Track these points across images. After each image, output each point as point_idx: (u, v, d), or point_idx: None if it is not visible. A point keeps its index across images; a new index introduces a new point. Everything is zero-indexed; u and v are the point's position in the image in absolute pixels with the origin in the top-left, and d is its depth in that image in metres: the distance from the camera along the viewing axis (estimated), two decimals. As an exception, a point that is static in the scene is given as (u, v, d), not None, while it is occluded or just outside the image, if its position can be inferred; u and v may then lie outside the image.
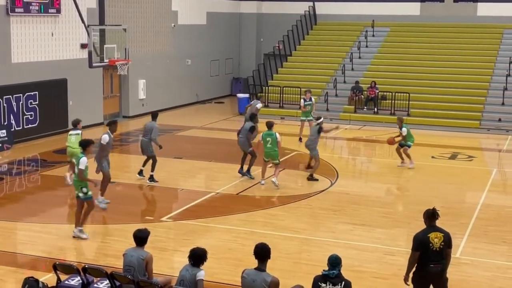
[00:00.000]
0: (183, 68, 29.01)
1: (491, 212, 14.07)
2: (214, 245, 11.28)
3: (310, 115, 21.24)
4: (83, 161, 11.54)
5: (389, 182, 16.86)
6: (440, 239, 8.22)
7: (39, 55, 21.10)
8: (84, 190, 11.69)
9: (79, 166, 11.58)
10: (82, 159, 11.55)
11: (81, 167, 11.54)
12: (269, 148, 15.63)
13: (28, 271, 10.13)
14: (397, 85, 26.41)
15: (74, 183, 11.90)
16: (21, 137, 20.35)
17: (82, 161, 11.53)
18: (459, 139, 22.62)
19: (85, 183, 11.70)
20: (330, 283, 7.40)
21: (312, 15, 32.14)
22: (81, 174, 11.55)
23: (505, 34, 29.04)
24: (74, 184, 11.86)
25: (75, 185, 11.82)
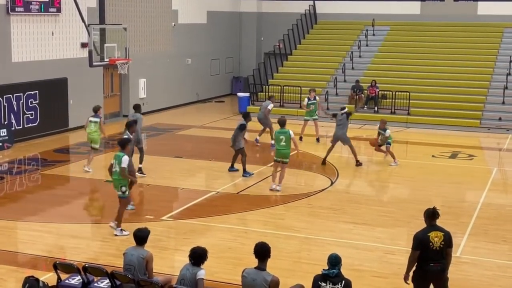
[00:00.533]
0: (184, 67, 29.00)
1: (492, 211, 14.07)
2: (214, 244, 11.28)
3: (314, 114, 21.24)
4: (126, 160, 11.90)
5: (389, 181, 16.86)
6: (440, 238, 8.22)
7: (40, 54, 21.10)
8: (123, 189, 11.96)
9: (121, 164, 11.84)
10: (124, 158, 11.90)
11: (123, 165, 11.83)
12: (283, 146, 14.95)
13: (28, 270, 10.14)
14: (398, 84, 26.40)
15: (114, 182, 12.07)
16: (22, 136, 20.36)
17: (124, 159, 11.88)
18: (459, 138, 22.62)
19: (125, 182, 11.95)
20: (330, 283, 7.40)
21: (312, 14, 32.13)
22: (124, 172, 11.85)
23: (506, 33, 29.02)
24: (114, 183, 12.06)
25: (115, 184, 12.03)
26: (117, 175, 11.97)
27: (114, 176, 12.04)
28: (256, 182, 16.02)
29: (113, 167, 12.05)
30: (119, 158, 11.93)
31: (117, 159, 11.97)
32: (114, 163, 12.02)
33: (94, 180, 16.20)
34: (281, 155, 15.02)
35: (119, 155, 12.02)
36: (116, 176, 12.00)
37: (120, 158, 11.92)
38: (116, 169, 11.96)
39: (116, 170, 11.98)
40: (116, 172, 11.98)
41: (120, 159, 11.91)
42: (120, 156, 11.95)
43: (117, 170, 11.94)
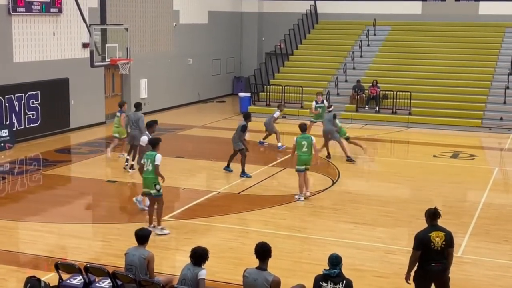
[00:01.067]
0: (185, 67, 29.02)
1: (493, 211, 14.06)
2: (215, 244, 11.30)
3: (322, 118, 21.14)
4: (159, 158, 12.02)
5: (390, 181, 16.85)
6: (441, 238, 8.22)
7: (41, 54, 21.12)
8: (157, 187, 12.06)
9: (155, 162, 11.95)
10: (157, 156, 12.01)
11: (157, 163, 11.95)
12: (305, 152, 14.25)
13: (30, 270, 10.15)
14: (399, 84, 26.40)
15: (146, 181, 12.10)
16: (23, 136, 20.37)
17: (158, 157, 12.01)
18: (460, 138, 22.61)
19: (157, 180, 12.06)
20: (331, 283, 7.41)
21: (313, 14, 32.13)
22: (158, 169, 11.97)
23: (507, 33, 29.00)
24: (147, 181, 12.09)
25: (148, 182, 12.07)
26: (150, 173, 12.03)
27: (147, 174, 12.08)
28: (257, 182, 16.02)
29: (144, 166, 12.11)
30: (152, 157, 12.02)
31: (150, 158, 12.05)
32: (146, 162, 12.08)
33: (95, 180, 16.21)
34: (304, 162, 14.33)
35: (151, 154, 12.11)
36: (149, 174, 12.05)
37: (153, 156, 12.03)
38: (149, 168, 12.03)
39: (148, 169, 12.04)
40: (148, 171, 12.04)
41: (153, 158, 12.01)
42: (153, 155, 12.06)
43: (149, 169, 12.02)
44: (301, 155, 14.31)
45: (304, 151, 14.27)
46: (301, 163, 14.33)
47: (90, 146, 20.44)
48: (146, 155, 12.26)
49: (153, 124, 14.34)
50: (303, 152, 14.28)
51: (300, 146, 14.28)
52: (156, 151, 12.21)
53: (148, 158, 12.12)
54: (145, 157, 12.22)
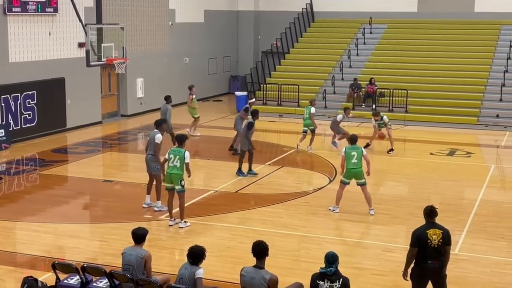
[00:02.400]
0: (181, 67, 29.00)
1: (490, 208, 14.09)
2: (212, 243, 11.29)
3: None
4: (188, 155, 12.24)
5: (387, 179, 16.87)
6: (438, 235, 8.23)
7: (37, 54, 21.08)
8: (183, 183, 12.26)
9: (185, 160, 12.14)
10: (186, 153, 12.21)
11: (187, 161, 12.16)
12: (354, 164, 13.21)
13: (27, 270, 10.14)
14: (395, 81, 26.42)
15: (172, 176, 12.25)
16: (19, 136, 20.34)
17: (187, 155, 12.20)
18: (457, 136, 22.64)
19: (182, 176, 12.25)
20: (328, 281, 7.41)
21: (309, 13, 32.14)
22: (188, 166, 12.19)
23: (503, 30, 29.05)
24: (173, 177, 12.24)
25: (175, 178, 12.24)
26: (177, 169, 12.19)
27: (173, 170, 12.21)
28: (255, 181, 16.02)
29: (171, 161, 12.25)
30: (181, 154, 12.18)
31: (179, 154, 12.18)
32: (174, 158, 12.20)
33: (92, 180, 16.19)
34: (355, 175, 13.31)
35: (180, 150, 12.25)
36: (176, 170, 12.20)
37: (182, 153, 12.18)
38: (176, 164, 12.16)
39: (176, 165, 12.18)
40: (176, 167, 12.18)
41: (182, 155, 12.16)
42: (181, 152, 12.21)
43: (177, 165, 12.17)
44: (349, 168, 13.23)
45: (354, 162, 13.18)
46: (349, 176, 13.32)
47: (86, 145, 20.41)
48: (173, 151, 12.34)
49: (162, 123, 14.32)
50: (352, 164, 13.19)
51: (349, 158, 13.21)
52: (183, 147, 12.37)
53: (177, 154, 12.22)
54: (172, 153, 12.30)
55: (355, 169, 13.24)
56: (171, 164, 12.28)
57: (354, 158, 13.20)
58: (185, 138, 12.66)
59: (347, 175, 13.38)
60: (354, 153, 13.23)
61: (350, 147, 13.39)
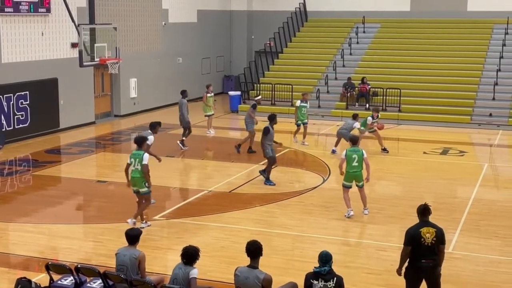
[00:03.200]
0: (174, 67, 28.96)
1: (483, 207, 14.13)
2: (207, 243, 11.29)
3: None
4: (147, 157, 12.10)
5: (381, 178, 16.89)
6: (432, 234, 8.25)
7: (30, 54, 21.02)
8: (147, 184, 12.16)
9: (143, 161, 11.99)
10: (145, 155, 12.08)
11: (145, 162, 12.01)
12: (355, 167, 12.93)
13: (20, 271, 10.11)
14: (388, 81, 26.48)
15: (134, 180, 12.15)
16: (12, 137, 20.27)
17: (145, 157, 12.08)
18: (450, 135, 22.71)
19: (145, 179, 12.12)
20: (322, 280, 7.42)
21: (303, 12, 32.16)
22: (145, 168, 12.03)
23: (495, 29, 29.13)
24: (135, 180, 12.15)
25: (138, 182, 12.15)
26: (139, 173, 12.07)
27: (135, 174, 12.12)
28: (248, 181, 16.02)
29: (132, 165, 12.14)
30: (140, 156, 12.06)
31: (138, 158, 12.07)
32: (134, 161, 12.11)
33: (85, 181, 16.16)
34: (355, 178, 13.03)
35: (139, 153, 12.14)
36: (138, 174, 12.10)
37: (141, 156, 12.06)
38: (138, 168, 12.06)
39: (137, 169, 12.07)
40: (137, 171, 12.08)
41: (141, 157, 12.04)
42: (140, 154, 12.09)
43: (138, 168, 12.06)
44: (350, 171, 12.98)
45: (354, 165, 12.90)
46: (350, 179, 13.05)
47: (80, 146, 20.37)
48: (133, 155, 12.23)
49: (156, 126, 14.31)
50: (352, 167, 12.93)
51: (350, 160, 12.92)
52: (142, 149, 12.25)
53: (136, 157, 12.12)
54: (132, 157, 12.21)
55: (356, 172, 12.97)
56: (133, 168, 12.14)
57: (355, 161, 12.90)
58: (144, 140, 12.53)
59: (348, 178, 13.04)
60: (355, 155, 12.91)
61: (351, 149, 13.05)
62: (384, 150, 19.28)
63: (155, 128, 14.20)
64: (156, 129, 14.23)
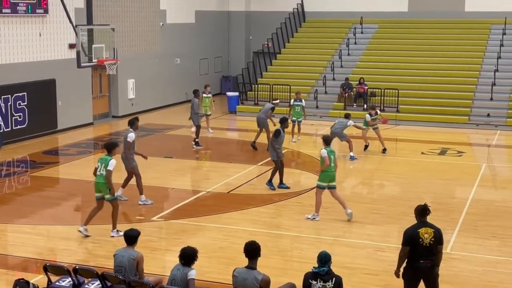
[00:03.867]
0: (172, 67, 28.95)
1: (481, 207, 14.14)
2: (205, 244, 11.28)
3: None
4: (113, 163, 11.68)
5: (379, 179, 16.90)
6: (430, 234, 8.24)
7: (27, 55, 21.00)
8: (111, 191, 11.76)
9: (108, 167, 11.60)
10: (111, 161, 11.67)
11: (109, 168, 11.61)
12: (332, 167, 12.87)
13: (18, 272, 10.09)
14: (386, 81, 26.48)
15: (99, 185, 11.79)
16: (10, 138, 20.24)
17: (111, 163, 11.65)
18: (448, 135, 22.72)
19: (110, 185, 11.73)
20: (321, 280, 7.42)
21: (300, 13, 32.17)
22: (108, 174, 11.62)
23: (493, 29, 29.16)
24: (99, 186, 11.77)
25: (102, 187, 11.74)
26: (103, 178, 11.72)
27: (100, 179, 11.75)
28: (246, 182, 16.01)
29: (98, 170, 11.81)
30: (106, 162, 11.72)
31: (104, 163, 11.74)
32: (100, 166, 11.77)
33: (83, 182, 16.11)
34: (330, 178, 12.91)
35: (106, 158, 11.80)
36: (102, 179, 11.72)
37: (107, 161, 11.72)
38: (103, 173, 11.71)
39: (102, 174, 11.72)
40: (102, 176, 11.71)
41: (107, 163, 11.71)
42: (107, 160, 11.75)
43: (103, 174, 11.70)
44: (329, 171, 12.86)
45: (332, 166, 12.86)
46: (327, 179, 12.90)
47: (78, 147, 20.35)
48: (100, 160, 11.88)
49: (135, 121, 14.25)
50: (331, 168, 12.86)
51: (330, 160, 12.82)
52: (111, 155, 11.86)
53: (103, 162, 11.76)
54: (99, 161, 11.86)
55: (332, 172, 12.90)
56: (98, 173, 11.77)
57: (332, 161, 12.83)
58: (115, 146, 12.12)
59: (325, 178, 12.85)
60: (332, 156, 12.84)
61: (330, 150, 12.93)
62: (384, 151, 19.23)
63: (134, 124, 14.15)
64: (135, 125, 14.18)
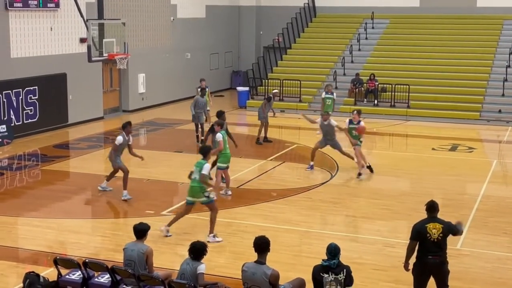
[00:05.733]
0: (183, 62, 28.98)
1: (492, 204, 14.08)
2: (214, 239, 11.30)
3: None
4: (207, 167, 11.59)
5: (389, 174, 16.85)
6: (438, 230, 8.23)
7: (38, 49, 21.08)
8: (206, 193, 11.62)
9: (202, 171, 11.47)
10: (206, 165, 11.56)
11: (204, 172, 11.49)
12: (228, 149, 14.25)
13: (29, 265, 10.15)
14: (397, 77, 26.38)
15: (194, 189, 11.62)
16: (21, 132, 20.35)
17: (206, 166, 11.55)
18: (459, 131, 22.62)
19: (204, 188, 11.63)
20: (333, 273, 7.43)
21: (311, 8, 32.08)
22: (204, 178, 11.51)
23: (505, 25, 28.98)
24: (194, 190, 11.61)
25: (195, 191, 11.60)
26: (196, 182, 11.61)
27: (194, 183, 11.68)
28: (256, 177, 16.02)
29: (193, 174, 11.68)
30: (201, 165, 11.58)
31: (199, 167, 11.60)
32: (195, 170, 11.64)
33: (93, 176, 16.19)
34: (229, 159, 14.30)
35: (201, 162, 11.65)
36: (196, 183, 11.62)
37: (202, 165, 11.58)
38: (196, 177, 11.61)
39: (196, 178, 11.62)
40: (196, 180, 11.61)
41: (201, 166, 11.57)
42: (202, 164, 11.61)
43: (197, 178, 11.59)
44: (226, 152, 14.05)
45: (227, 147, 14.05)
46: (227, 160, 14.10)
47: (88, 141, 20.43)
48: (196, 164, 11.73)
49: (127, 125, 14.31)
50: (227, 149, 14.05)
51: (225, 142, 14.00)
52: (206, 160, 11.74)
53: (198, 166, 11.64)
54: (196, 165, 11.69)
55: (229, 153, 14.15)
56: (192, 177, 11.68)
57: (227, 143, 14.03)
58: (209, 150, 12.07)
59: (225, 160, 14.09)
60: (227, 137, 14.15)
61: (224, 132, 14.05)
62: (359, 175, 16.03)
63: (126, 128, 14.19)
64: (127, 129, 14.16)
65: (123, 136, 14.07)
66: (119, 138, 14.07)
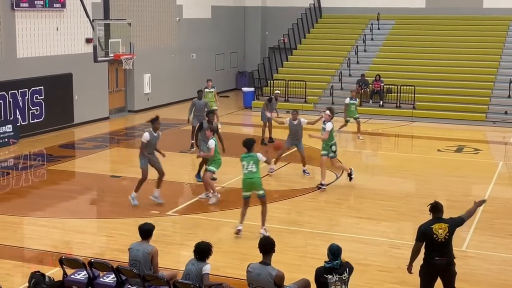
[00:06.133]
0: (188, 62, 29.00)
1: (497, 205, 14.02)
2: (219, 239, 11.31)
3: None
4: (261, 156, 11.71)
5: (394, 176, 16.83)
6: (444, 230, 8.20)
7: (44, 50, 21.12)
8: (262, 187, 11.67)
9: (260, 160, 11.61)
10: (260, 155, 11.67)
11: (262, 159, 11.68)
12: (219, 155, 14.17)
13: (34, 265, 10.17)
14: (403, 78, 26.34)
15: (255, 183, 11.61)
16: (27, 131, 20.40)
17: (260, 157, 11.67)
18: (465, 132, 22.56)
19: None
20: (336, 274, 7.42)
21: (317, 8, 32.06)
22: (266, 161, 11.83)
23: (511, 26, 28.90)
24: (256, 183, 11.62)
25: (257, 184, 11.63)
26: (257, 174, 11.58)
27: (252, 176, 11.57)
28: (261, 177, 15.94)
29: (245, 168, 11.56)
30: (255, 158, 11.53)
31: (252, 159, 11.53)
32: (248, 164, 11.55)
33: (99, 176, 16.22)
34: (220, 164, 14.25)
35: (252, 155, 11.60)
36: (256, 175, 11.59)
37: (255, 157, 11.53)
38: (252, 169, 11.53)
39: (252, 170, 11.53)
40: (253, 172, 11.54)
41: (256, 158, 11.53)
42: (254, 157, 11.55)
43: (254, 170, 11.50)
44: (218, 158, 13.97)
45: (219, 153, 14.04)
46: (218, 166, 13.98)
47: (94, 141, 20.46)
48: (246, 158, 11.60)
49: (155, 121, 13.94)
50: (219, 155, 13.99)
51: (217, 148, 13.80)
52: (253, 152, 11.68)
53: (250, 160, 11.57)
54: (246, 160, 11.58)
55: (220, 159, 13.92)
56: (246, 171, 11.57)
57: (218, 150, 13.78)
58: (253, 142, 11.87)
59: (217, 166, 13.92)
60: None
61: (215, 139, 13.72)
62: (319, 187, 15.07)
63: (153, 124, 13.79)
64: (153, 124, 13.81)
65: (150, 132, 13.47)
66: (145, 135, 13.44)
